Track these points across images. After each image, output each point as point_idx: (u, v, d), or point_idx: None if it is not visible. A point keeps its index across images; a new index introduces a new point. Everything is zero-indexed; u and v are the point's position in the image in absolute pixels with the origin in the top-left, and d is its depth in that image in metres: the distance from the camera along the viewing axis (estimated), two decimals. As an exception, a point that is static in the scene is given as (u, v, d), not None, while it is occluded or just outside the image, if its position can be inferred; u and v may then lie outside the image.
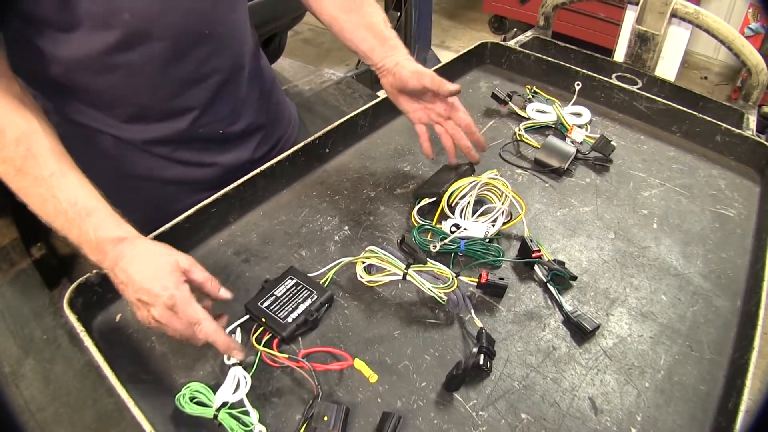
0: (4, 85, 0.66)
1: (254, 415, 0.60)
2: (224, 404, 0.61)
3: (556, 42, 1.37)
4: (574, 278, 0.77)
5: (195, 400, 0.62)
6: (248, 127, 0.93)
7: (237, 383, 0.63)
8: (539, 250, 0.78)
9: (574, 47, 1.34)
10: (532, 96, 1.14)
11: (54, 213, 0.63)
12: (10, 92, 0.66)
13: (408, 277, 0.70)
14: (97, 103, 0.76)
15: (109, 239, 0.63)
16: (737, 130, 1.01)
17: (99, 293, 0.72)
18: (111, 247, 0.63)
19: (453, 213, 0.84)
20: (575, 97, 1.14)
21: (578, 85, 1.15)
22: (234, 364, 0.64)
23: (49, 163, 0.64)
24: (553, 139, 1.00)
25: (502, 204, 0.83)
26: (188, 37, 0.76)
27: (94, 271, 0.70)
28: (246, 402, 0.61)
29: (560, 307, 0.74)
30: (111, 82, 0.75)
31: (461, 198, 0.85)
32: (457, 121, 0.86)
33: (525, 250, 0.79)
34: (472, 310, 0.72)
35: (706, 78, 3.48)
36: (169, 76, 0.78)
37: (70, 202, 0.63)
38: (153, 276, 0.61)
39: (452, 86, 0.80)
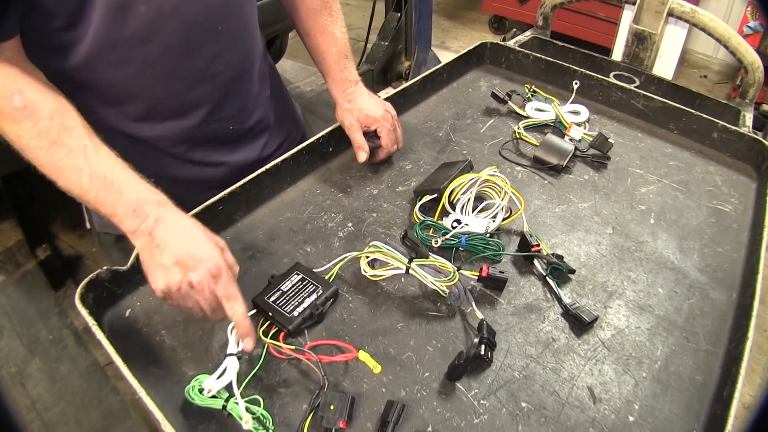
0: (30, 69, 0.68)
1: (242, 405, 0.60)
2: (233, 394, 0.62)
3: (555, 42, 1.39)
4: (573, 272, 0.79)
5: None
6: (257, 126, 0.95)
7: (227, 372, 0.64)
8: (538, 245, 0.79)
9: (572, 47, 1.36)
10: (531, 95, 1.16)
11: (89, 182, 0.65)
12: (36, 76, 0.68)
13: (411, 271, 0.72)
14: (111, 99, 0.78)
15: (150, 200, 0.66)
16: (734, 127, 1.03)
17: (109, 289, 0.74)
18: (152, 208, 0.65)
19: (454, 209, 0.86)
20: (573, 95, 1.15)
21: (576, 83, 1.16)
22: (230, 354, 0.65)
23: (82, 136, 0.66)
24: (551, 137, 1.01)
25: (502, 200, 0.84)
26: (201, 31, 0.79)
27: (105, 267, 0.72)
28: (236, 391, 0.61)
29: (559, 300, 0.76)
30: (125, 76, 0.76)
31: (462, 194, 0.86)
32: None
33: (524, 244, 0.81)
34: (473, 303, 0.73)
35: (705, 77, 3.49)
36: (182, 71, 0.80)
37: (109, 168, 0.66)
38: (197, 243, 0.64)
39: (362, 158, 0.93)
